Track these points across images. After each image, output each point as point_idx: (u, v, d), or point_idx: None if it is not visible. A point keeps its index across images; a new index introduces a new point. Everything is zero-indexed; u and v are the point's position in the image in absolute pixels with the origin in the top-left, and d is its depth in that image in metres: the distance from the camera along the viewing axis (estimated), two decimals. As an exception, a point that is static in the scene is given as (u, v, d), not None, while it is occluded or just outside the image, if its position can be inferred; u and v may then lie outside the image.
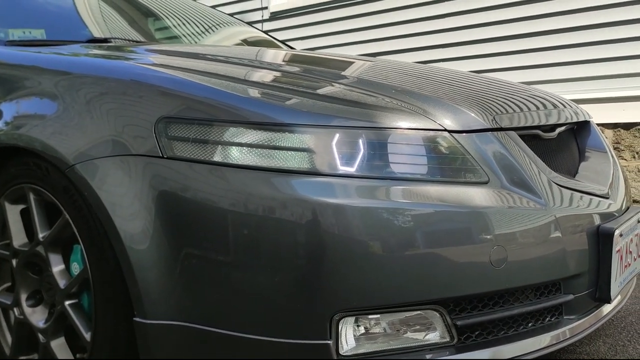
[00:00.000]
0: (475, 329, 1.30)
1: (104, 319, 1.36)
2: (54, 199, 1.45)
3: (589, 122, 1.93)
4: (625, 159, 3.66)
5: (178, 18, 2.89)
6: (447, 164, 1.30)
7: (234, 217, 1.22)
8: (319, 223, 1.18)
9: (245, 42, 2.92)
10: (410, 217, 1.21)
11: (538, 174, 1.40)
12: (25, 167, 1.52)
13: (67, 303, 1.45)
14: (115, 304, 1.34)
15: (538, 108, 1.66)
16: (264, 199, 1.20)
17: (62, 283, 1.47)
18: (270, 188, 1.21)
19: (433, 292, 1.22)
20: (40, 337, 1.52)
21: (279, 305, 1.20)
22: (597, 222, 1.46)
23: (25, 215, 1.58)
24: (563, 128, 1.72)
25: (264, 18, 5.33)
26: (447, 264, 1.22)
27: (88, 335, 1.40)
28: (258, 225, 1.21)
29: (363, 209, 1.20)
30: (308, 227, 1.18)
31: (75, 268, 1.48)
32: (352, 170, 1.23)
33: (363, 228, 1.19)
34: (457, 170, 1.30)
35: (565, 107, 1.80)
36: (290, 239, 1.19)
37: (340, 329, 1.21)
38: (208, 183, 1.24)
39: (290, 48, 2.96)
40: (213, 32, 2.93)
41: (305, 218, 1.18)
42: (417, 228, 1.21)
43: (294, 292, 1.20)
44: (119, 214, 1.28)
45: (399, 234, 1.20)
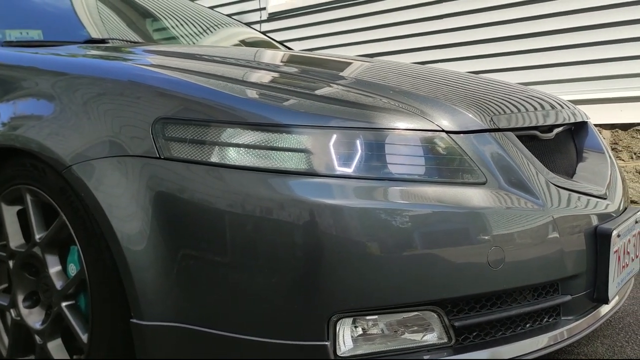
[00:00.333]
0: (473, 330, 1.30)
1: (101, 320, 1.36)
2: (51, 200, 1.44)
3: (587, 122, 1.93)
4: (623, 160, 3.66)
5: (175, 19, 2.89)
6: (444, 165, 1.30)
7: (231, 218, 1.22)
8: (317, 224, 1.18)
9: (243, 42, 2.92)
10: (408, 217, 1.21)
11: (536, 175, 1.40)
12: (22, 168, 1.52)
13: (63, 304, 1.45)
14: (112, 305, 1.33)
15: (536, 109, 1.66)
16: (262, 200, 1.20)
17: (58, 284, 1.47)
18: (268, 189, 1.20)
19: (431, 293, 1.22)
20: (37, 338, 1.52)
21: (276, 306, 1.20)
22: (594, 222, 1.46)
23: (22, 217, 1.58)
24: (561, 129, 1.72)
25: (262, 19, 5.33)
26: (444, 265, 1.22)
27: (85, 337, 1.40)
28: (255, 226, 1.20)
29: (361, 210, 1.19)
30: (305, 228, 1.18)
31: (72, 269, 1.47)
32: (349, 171, 1.23)
33: (360, 229, 1.18)
34: (454, 171, 1.30)
35: (563, 107, 1.80)
36: (288, 240, 1.19)
37: (338, 330, 1.21)
38: (205, 184, 1.24)
39: (288, 49, 2.95)
40: (211, 33, 2.93)
41: (303, 219, 1.18)
42: (414, 229, 1.21)
43: (292, 293, 1.19)
44: (116, 215, 1.28)
45: (397, 235, 1.20)
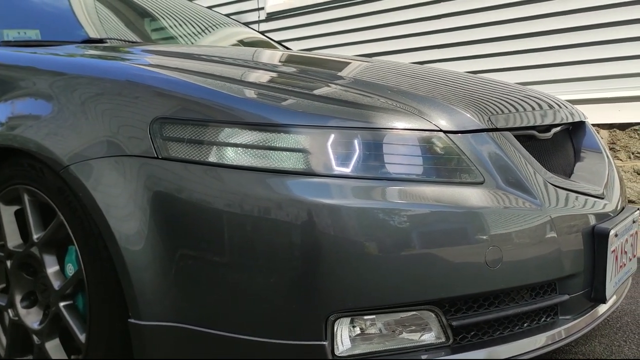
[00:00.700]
0: (471, 330, 1.30)
1: (99, 320, 1.36)
2: (49, 200, 1.44)
3: (585, 122, 1.94)
4: (621, 160, 3.67)
5: (174, 19, 2.89)
6: (442, 165, 1.30)
7: (229, 217, 1.22)
8: (315, 224, 1.18)
9: (241, 42, 2.92)
10: (406, 217, 1.21)
11: (533, 175, 1.41)
12: (20, 168, 1.51)
13: (61, 304, 1.45)
14: (110, 305, 1.33)
15: (533, 108, 1.66)
16: (260, 200, 1.20)
17: (56, 284, 1.47)
18: (266, 189, 1.20)
19: (428, 292, 1.22)
20: (35, 338, 1.52)
21: (275, 306, 1.20)
22: (592, 222, 1.46)
23: (20, 217, 1.57)
24: (558, 128, 1.72)
25: (261, 19, 5.33)
26: (442, 265, 1.22)
27: (83, 337, 1.40)
28: (253, 226, 1.20)
29: (359, 210, 1.19)
30: (304, 227, 1.18)
31: (70, 269, 1.47)
32: (347, 171, 1.23)
33: (358, 228, 1.18)
34: (452, 171, 1.30)
35: (561, 107, 1.80)
36: (286, 240, 1.19)
37: (336, 330, 1.21)
38: (203, 184, 1.24)
39: (286, 48, 2.95)
40: (209, 32, 2.93)
41: (301, 219, 1.18)
42: (412, 228, 1.21)
43: (290, 292, 1.19)
44: (114, 215, 1.28)
45: (395, 235, 1.20)
